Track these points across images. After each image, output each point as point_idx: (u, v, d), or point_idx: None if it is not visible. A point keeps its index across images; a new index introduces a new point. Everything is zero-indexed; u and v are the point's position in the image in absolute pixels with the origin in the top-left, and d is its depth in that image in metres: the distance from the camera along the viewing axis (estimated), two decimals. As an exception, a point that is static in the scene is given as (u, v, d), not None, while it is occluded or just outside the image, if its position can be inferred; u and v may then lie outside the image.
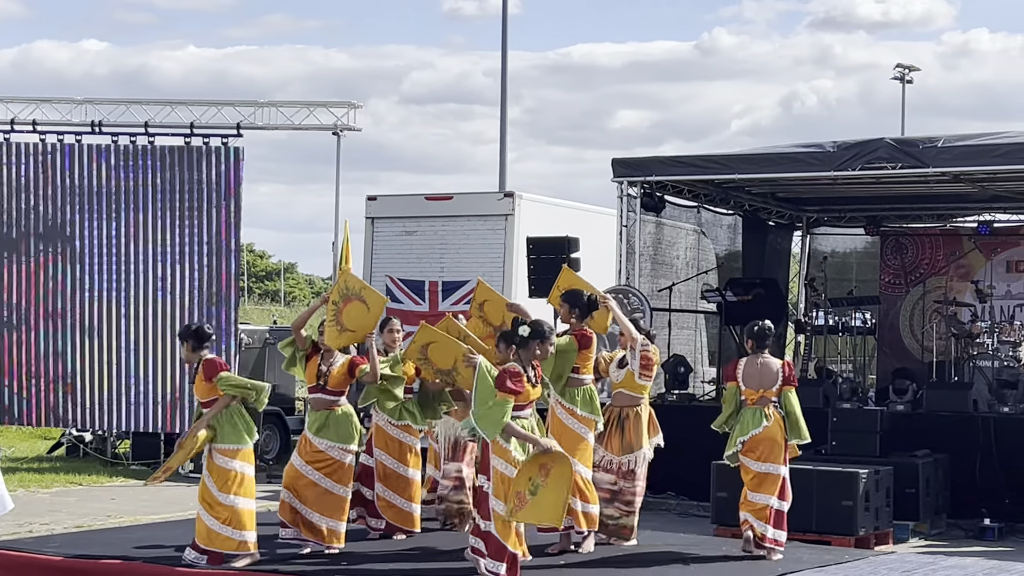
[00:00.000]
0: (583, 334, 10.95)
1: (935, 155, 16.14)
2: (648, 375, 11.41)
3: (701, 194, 19.29)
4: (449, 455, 12.06)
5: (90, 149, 18.56)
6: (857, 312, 20.28)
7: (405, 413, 11.53)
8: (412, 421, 11.56)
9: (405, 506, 11.54)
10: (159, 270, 18.32)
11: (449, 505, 12.06)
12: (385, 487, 11.51)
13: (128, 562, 10.62)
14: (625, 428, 11.35)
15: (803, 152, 17.10)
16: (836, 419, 15.30)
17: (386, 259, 19.53)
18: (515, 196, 19.21)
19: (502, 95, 29.84)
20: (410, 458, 11.57)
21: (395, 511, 11.54)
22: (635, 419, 11.38)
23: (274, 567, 10.35)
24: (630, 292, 17.36)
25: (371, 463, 11.62)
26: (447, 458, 12.06)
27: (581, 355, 10.89)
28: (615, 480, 11.33)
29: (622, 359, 11.44)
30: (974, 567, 11.19)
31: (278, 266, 64.20)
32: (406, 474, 11.54)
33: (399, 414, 11.51)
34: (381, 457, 11.55)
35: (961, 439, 15.32)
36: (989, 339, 17.72)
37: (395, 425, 11.53)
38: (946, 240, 21.11)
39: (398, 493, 11.52)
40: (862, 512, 13.55)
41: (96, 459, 19.82)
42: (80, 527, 13.79)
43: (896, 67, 49.04)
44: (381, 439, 11.60)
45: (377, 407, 11.61)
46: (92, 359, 18.46)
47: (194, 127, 18.62)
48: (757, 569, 10.70)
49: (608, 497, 11.31)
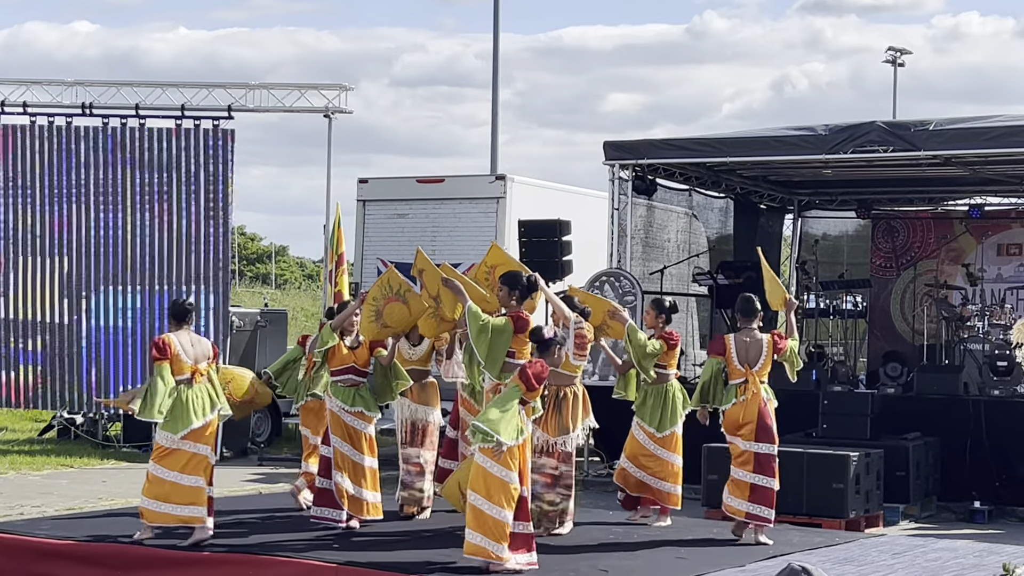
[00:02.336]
0: (519, 316, 10.56)
1: (926, 138, 16.16)
2: (582, 354, 11.19)
3: (693, 177, 19.28)
4: (407, 439, 11.74)
5: (80, 131, 18.52)
6: (848, 295, 20.31)
7: (358, 399, 11.32)
8: (365, 408, 11.32)
9: (357, 493, 11.24)
10: (149, 252, 18.30)
11: (412, 493, 11.76)
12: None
13: (120, 544, 10.62)
14: (562, 409, 11.03)
15: (795, 135, 17.11)
16: (827, 402, 15.31)
17: (377, 242, 19.53)
18: (507, 179, 19.20)
19: (494, 78, 29.87)
20: (364, 445, 11.31)
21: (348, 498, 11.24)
22: (572, 400, 11.09)
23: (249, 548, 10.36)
24: (621, 275, 17.37)
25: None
26: (405, 442, 11.76)
27: (517, 338, 10.49)
28: (557, 465, 11.01)
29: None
30: (964, 549, 11.21)
31: (269, 249, 64.19)
32: (362, 462, 11.24)
33: (352, 400, 11.31)
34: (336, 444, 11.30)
35: (952, 422, 15.35)
36: (980, 322, 17.75)
37: (348, 412, 11.28)
38: (937, 223, 21.13)
39: (351, 480, 11.23)
40: (852, 495, 13.58)
41: (87, 441, 19.81)
42: (71, 509, 13.79)
43: (887, 50, 49.13)
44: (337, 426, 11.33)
45: (330, 393, 11.41)
46: (81, 340, 18.44)
47: (185, 109, 18.58)
48: (749, 552, 10.72)
49: (550, 482, 10.98)
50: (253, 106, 19.02)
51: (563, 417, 11.04)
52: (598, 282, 17.31)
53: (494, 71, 29.83)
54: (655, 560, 10.31)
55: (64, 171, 18.44)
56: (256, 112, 19.24)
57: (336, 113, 19.15)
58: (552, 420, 10.99)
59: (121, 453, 19.06)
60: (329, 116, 19.18)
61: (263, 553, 10.26)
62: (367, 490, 11.28)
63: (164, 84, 19.08)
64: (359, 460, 11.26)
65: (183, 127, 18.41)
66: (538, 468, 10.81)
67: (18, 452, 18.87)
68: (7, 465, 17.15)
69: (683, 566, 9.97)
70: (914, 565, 10.34)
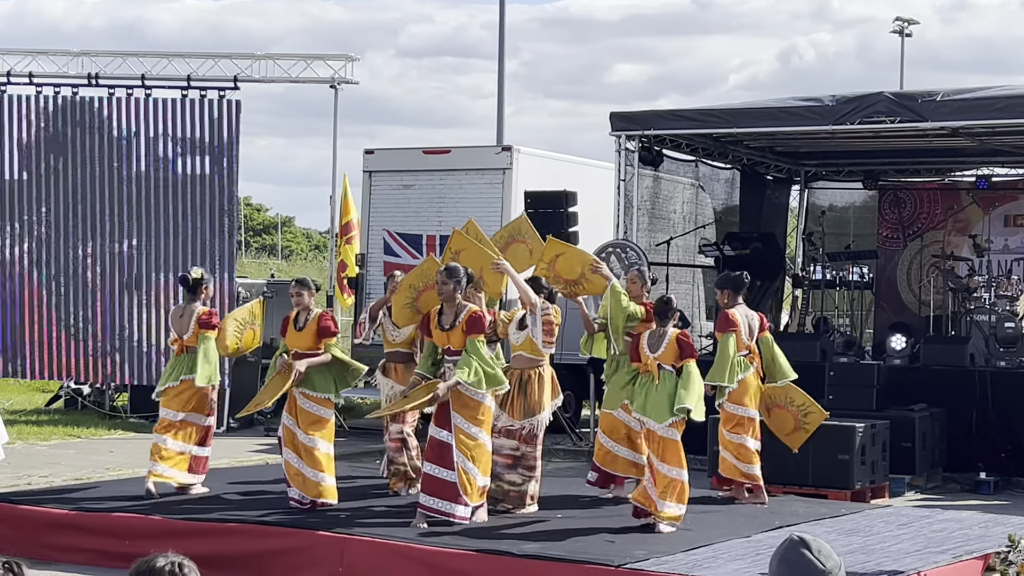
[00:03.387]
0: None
1: (934, 109, 16.11)
2: (550, 340, 11.03)
3: (699, 148, 19.25)
4: (390, 416, 11.60)
5: (86, 101, 18.50)
6: (855, 266, 20.29)
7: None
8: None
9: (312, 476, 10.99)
10: (156, 223, 18.29)
11: (396, 467, 11.74)
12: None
13: (126, 514, 10.66)
14: (528, 392, 10.90)
15: (801, 106, 17.06)
16: (833, 373, 15.32)
17: (384, 213, 19.52)
18: (513, 150, 19.17)
19: (500, 48, 29.80)
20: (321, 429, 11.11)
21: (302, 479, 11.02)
22: (539, 381, 10.95)
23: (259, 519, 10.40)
24: (628, 246, 17.36)
25: None
26: (388, 419, 11.69)
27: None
28: (517, 445, 10.94)
29: (521, 320, 10.97)
30: (970, 520, 11.24)
31: (276, 220, 64.15)
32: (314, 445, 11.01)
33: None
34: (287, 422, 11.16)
35: (958, 393, 15.35)
36: (986, 293, 17.73)
37: (308, 397, 11.09)
38: (944, 194, 21.09)
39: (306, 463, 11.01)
40: (858, 466, 13.59)
41: (94, 412, 19.86)
42: (79, 479, 13.83)
43: (895, 20, 48.92)
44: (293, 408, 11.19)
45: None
46: (88, 310, 18.45)
47: (191, 80, 18.54)
48: (754, 523, 10.74)
49: (510, 463, 10.91)
50: (259, 77, 18.99)
51: (529, 400, 10.89)
52: (604, 253, 17.28)
53: (500, 41, 29.77)
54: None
55: (70, 140, 18.40)
56: (262, 83, 19.22)
57: (342, 84, 19.12)
58: (518, 402, 10.87)
59: (128, 423, 19.10)
60: (335, 87, 19.15)
61: (269, 524, 10.29)
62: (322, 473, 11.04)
63: (170, 55, 19.05)
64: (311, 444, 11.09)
65: (189, 97, 18.37)
66: (497, 449, 10.74)
67: (25, 422, 18.92)
68: (15, 435, 17.19)
69: (689, 537, 9.98)
70: (920, 536, 10.36)
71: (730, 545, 9.73)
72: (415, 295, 10.96)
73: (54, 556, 10.48)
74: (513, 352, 11.10)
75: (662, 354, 10.43)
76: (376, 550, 9.67)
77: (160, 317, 18.02)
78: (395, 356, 11.78)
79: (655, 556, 9.16)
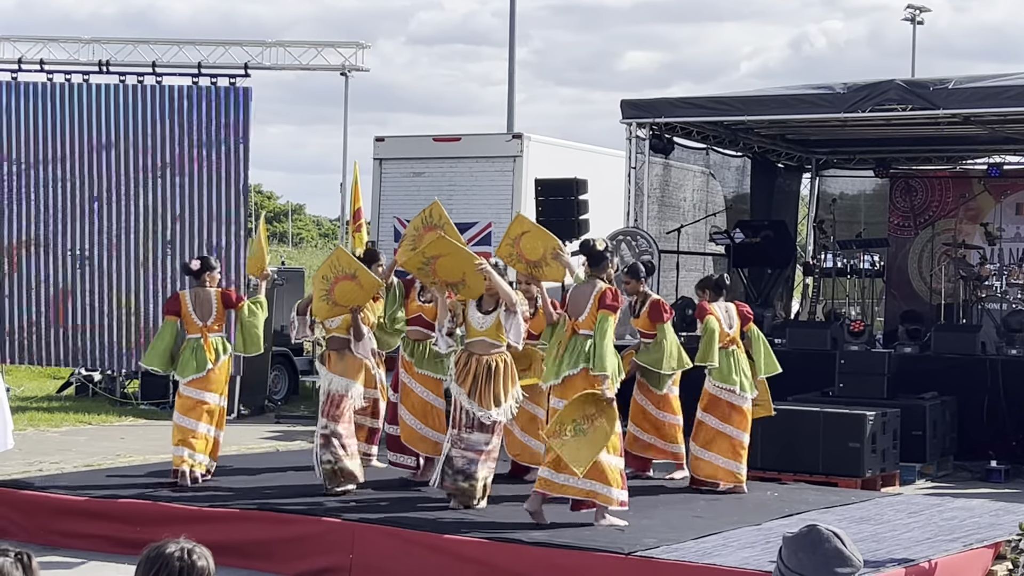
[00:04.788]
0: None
1: (945, 97, 16.08)
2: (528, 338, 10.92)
3: (710, 136, 19.23)
4: (321, 409, 11.27)
5: (97, 88, 18.50)
6: (866, 254, 20.28)
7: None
8: None
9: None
10: (166, 210, 18.29)
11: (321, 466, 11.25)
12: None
13: (137, 501, 10.68)
14: (494, 379, 10.45)
15: (813, 93, 17.04)
16: (844, 361, 15.31)
17: (394, 200, 19.52)
18: (523, 137, 19.16)
19: (510, 36, 29.74)
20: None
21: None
22: (504, 369, 10.61)
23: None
24: (638, 234, 17.35)
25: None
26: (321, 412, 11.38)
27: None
28: (490, 439, 10.60)
29: (481, 303, 10.60)
30: (980, 509, 11.22)
31: (286, 207, 64.21)
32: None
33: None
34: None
35: (969, 381, 15.33)
36: (998, 281, 17.72)
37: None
38: (956, 182, 21.06)
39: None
40: (869, 454, 13.58)
41: (105, 399, 19.90)
42: (89, 466, 13.86)
43: (907, 8, 48.73)
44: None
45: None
46: (98, 298, 18.47)
47: (202, 67, 18.53)
48: (765, 510, 10.74)
49: (483, 458, 10.49)
50: (270, 64, 18.98)
51: (498, 388, 10.48)
52: (615, 241, 17.28)
53: (511, 29, 29.71)
54: (671, 519, 10.33)
55: (81, 128, 18.41)
56: (273, 70, 19.20)
57: (353, 71, 19.11)
58: (486, 391, 10.41)
59: (139, 410, 19.14)
60: (346, 74, 19.14)
61: (280, 511, 10.31)
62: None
63: (181, 42, 19.05)
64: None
65: (200, 85, 18.35)
66: (472, 445, 10.35)
67: (37, 409, 18.97)
68: (26, 422, 17.24)
69: (699, 525, 9.98)
70: (930, 524, 10.36)
71: (740, 533, 9.72)
72: (328, 287, 10.95)
73: (64, 542, 10.50)
74: (475, 337, 10.55)
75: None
76: (386, 537, 9.68)
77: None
78: (331, 342, 11.37)
79: (665, 544, 9.16)
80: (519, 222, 11.54)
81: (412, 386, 11.61)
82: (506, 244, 11.28)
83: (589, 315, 10.22)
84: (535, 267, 11.11)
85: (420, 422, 11.56)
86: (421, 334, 11.57)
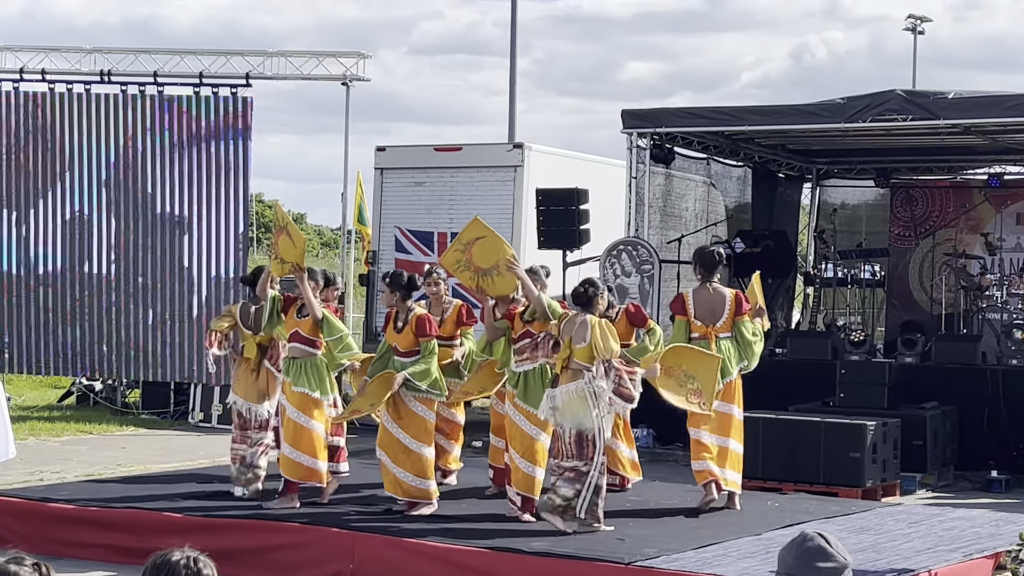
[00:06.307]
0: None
1: (946, 107, 16.11)
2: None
3: (711, 146, 19.25)
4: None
5: (99, 98, 18.53)
6: (866, 264, 20.27)
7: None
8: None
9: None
10: (168, 220, 18.32)
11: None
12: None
13: (138, 510, 10.68)
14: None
15: (813, 104, 17.08)
16: (844, 371, 15.31)
17: (395, 210, 19.51)
18: (524, 147, 19.17)
19: (511, 46, 29.76)
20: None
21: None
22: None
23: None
24: (639, 244, 17.36)
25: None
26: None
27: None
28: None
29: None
30: (981, 519, 11.22)
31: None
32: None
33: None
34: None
35: (969, 391, 15.34)
36: (998, 291, 17.71)
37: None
38: (956, 192, 21.06)
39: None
40: (869, 464, 13.58)
41: (106, 408, 19.88)
42: (90, 475, 13.84)
43: (907, 18, 48.74)
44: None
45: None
46: (101, 307, 18.49)
47: (203, 77, 18.57)
48: (764, 520, 10.74)
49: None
50: (271, 74, 19.01)
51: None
52: (615, 251, 17.31)
53: (512, 39, 29.74)
54: (672, 529, 10.34)
55: (83, 138, 18.43)
56: (274, 80, 19.23)
57: (354, 81, 19.13)
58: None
59: (140, 420, 19.12)
60: (347, 84, 19.16)
61: (282, 520, 10.31)
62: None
63: (183, 51, 19.07)
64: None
65: (202, 94, 18.39)
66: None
67: (37, 418, 18.95)
68: (27, 431, 17.23)
69: (700, 535, 9.99)
70: (931, 534, 10.36)
71: (740, 543, 9.73)
72: (274, 242, 11.15)
73: (66, 552, 10.49)
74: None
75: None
76: (387, 546, 9.69)
77: (173, 311, 18.13)
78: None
79: (665, 554, 9.17)
80: (475, 226, 10.96)
81: (285, 405, 10.97)
82: (455, 250, 10.85)
83: (727, 320, 10.99)
84: (483, 276, 10.70)
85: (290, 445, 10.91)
86: (300, 351, 10.92)
